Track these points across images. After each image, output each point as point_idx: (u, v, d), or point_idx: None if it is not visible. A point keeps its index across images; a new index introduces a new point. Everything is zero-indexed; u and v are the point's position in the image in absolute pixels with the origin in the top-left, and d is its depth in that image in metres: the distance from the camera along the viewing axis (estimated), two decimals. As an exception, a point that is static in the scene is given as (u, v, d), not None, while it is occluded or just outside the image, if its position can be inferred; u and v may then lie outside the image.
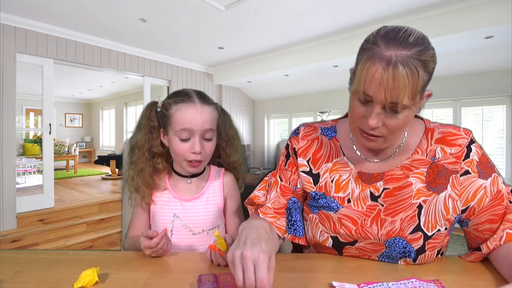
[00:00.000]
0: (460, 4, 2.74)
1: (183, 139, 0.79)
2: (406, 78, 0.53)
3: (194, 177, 0.88)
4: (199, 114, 0.78)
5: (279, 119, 6.20)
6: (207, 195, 0.87)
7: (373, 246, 0.68)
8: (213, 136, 0.83)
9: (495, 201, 0.64)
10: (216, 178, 0.91)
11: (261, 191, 0.79)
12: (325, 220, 0.72)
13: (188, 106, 0.79)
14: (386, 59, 0.53)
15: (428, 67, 0.55)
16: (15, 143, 3.13)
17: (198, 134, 0.78)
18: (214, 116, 0.83)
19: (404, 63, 0.53)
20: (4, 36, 3.02)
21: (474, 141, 0.67)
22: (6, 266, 0.63)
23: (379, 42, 0.55)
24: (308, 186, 0.76)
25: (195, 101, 0.80)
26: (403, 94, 0.54)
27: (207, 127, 0.79)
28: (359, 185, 0.70)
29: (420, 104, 0.60)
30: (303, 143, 0.79)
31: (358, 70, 0.58)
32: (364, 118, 0.60)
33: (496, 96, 3.67)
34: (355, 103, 0.61)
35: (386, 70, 0.53)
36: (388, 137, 0.62)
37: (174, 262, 0.69)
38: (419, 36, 0.56)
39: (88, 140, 9.27)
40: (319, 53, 3.87)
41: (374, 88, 0.55)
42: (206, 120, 0.79)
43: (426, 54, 0.54)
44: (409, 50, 0.53)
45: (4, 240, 2.85)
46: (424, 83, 0.56)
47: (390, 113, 0.57)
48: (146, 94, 4.44)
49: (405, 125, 0.61)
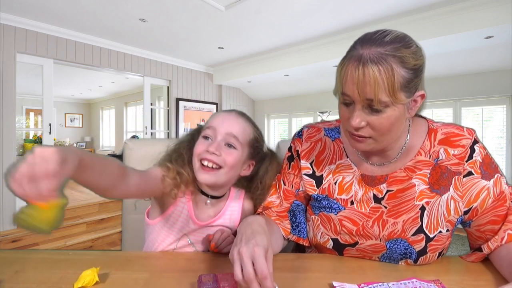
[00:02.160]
0: (460, 4, 2.74)
1: (204, 137, 0.76)
2: (377, 74, 0.53)
3: (214, 199, 0.80)
4: (229, 119, 0.76)
5: (279, 119, 6.20)
6: (223, 219, 0.81)
7: (374, 247, 0.67)
8: (239, 148, 0.75)
9: (498, 202, 0.64)
10: (236, 200, 0.84)
11: (273, 196, 0.80)
12: (326, 221, 0.72)
13: (222, 113, 0.79)
14: (358, 57, 0.55)
15: (406, 63, 0.55)
16: (15, 143, 3.12)
17: (220, 136, 0.74)
18: (246, 130, 0.77)
19: (375, 60, 0.53)
20: (4, 36, 3.02)
21: (478, 141, 0.66)
22: (6, 266, 0.63)
23: (357, 44, 0.58)
24: (310, 189, 0.76)
25: (232, 112, 0.79)
26: (377, 90, 0.54)
27: (232, 131, 0.74)
28: (362, 188, 0.70)
29: (411, 104, 0.59)
30: (306, 145, 0.78)
31: (336, 72, 0.61)
32: (349, 119, 0.60)
33: (496, 96, 3.67)
34: (340, 106, 0.63)
35: (356, 68, 0.55)
36: (377, 139, 0.61)
37: (174, 262, 0.69)
38: (398, 35, 0.57)
39: (88, 140, 9.26)
40: (319, 53, 3.87)
41: (349, 87, 0.57)
42: (234, 126, 0.75)
43: (403, 51, 0.54)
44: (383, 48, 0.54)
45: (4, 240, 2.85)
46: (405, 80, 0.55)
47: (371, 112, 0.58)
48: (146, 94, 4.44)
49: (392, 126, 0.59)
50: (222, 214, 0.81)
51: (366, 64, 0.54)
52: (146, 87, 4.44)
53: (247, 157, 0.79)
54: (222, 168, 0.73)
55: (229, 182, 0.79)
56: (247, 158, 0.79)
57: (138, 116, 7.62)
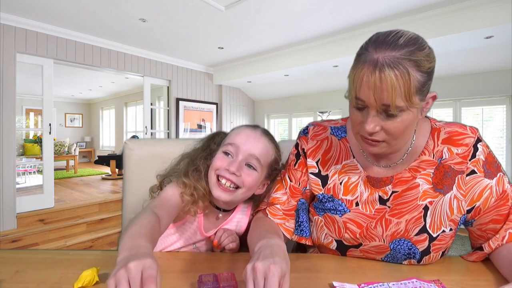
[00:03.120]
0: (460, 4, 2.74)
1: (225, 153, 0.73)
2: (394, 79, 0.52)
3: (224, 212, 0.80)
4: (254, 138, 0.74)
5: (279, 119, 6.20)
6: (230, 226, 0.81)
7: (377, 248, 0.67)
8: (260, 170, 0.74)
9: (500, 201, 0.64)
10: (243, 213, 0.83)
11: (279, 192, 0.78)
12: (330, 223, 0.71)
13: (246, 129, 0.76)
14: (373, 62, 0.53)
15: (421, 67, 0.54)
16: (15, 143, 3.12)
17: (242, 156, 0.72)
18: (268, 152, 0.75)
19: (391, 65, 0.52)
20: (4, 36, 3.02)
21: (481, 140, 0.66)
22: (6, 266, 0.63)
23: (370, 47, 0.56)
24: (316, 189, 0.75)
25: (257, 130, 0.77)
26: (394, 96, 0.53)
27: (254, 153, 0.72)
28: (368, 189, 0.69)
29: (423, 106, 0.59)
30: (312, 143, 0.77)
31: (350, 76, 0.59)
32: (362, 124, 0.59)
33: (496, 96, 3.67)
34: (352, 110, 0.61)
35: (373, 73, 0.53)
36: (391, 142, 0.60)
37: (174, 262, 0.69)
38: (411, 37, 0.55)
39: (88, 140, 9.27)
40: (319, 53, 3.87)
41: (364, 92, 0.56)
42: (257, 147, 0.73)
43: (418, 54, 0.53)
44: (398, 51, 0.53)
45: (4, 240, 2.85)
46: (420, 84, 0.54)
47: (386, 117, 0.56)
48: (146, 94, 4.44)
49: (406, 129, 0.59)
50: (229, 221, 0.81)
51: (383, 69, 0.52)
52: (146, 87, 4.44)
53: (264, 177, 0.77)
54: (240, 189, 0.72)
55: (243, 200, 0.79)
56: (265, 178, 0.78)
57: (138, 116, 7.63)
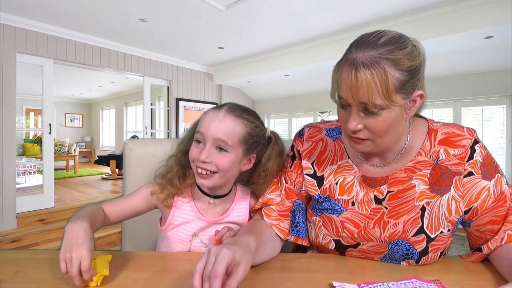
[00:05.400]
0: (460, 4, 2.74)
1: (196, 142, 0.75)
2: (369, 78, 0.53)
3: (217, 198, 0.80)
4: (217, 121, 0.73)
5: (279, 119, 6.20)
6: (232, 217, 0.82)
7: (375, 248, 0.67)
8: (231, 149, 0.73)
9: (498, 202, 0.64)
10: (243, 199, 0.84)
11: (274, 193, 0.78)
12: (327, 223, 0.72)
13: (209, 113, 0.76)
14: (351, 62, 0.55)
15: (401, 65, 0.54)
16: (15, 143, 3.12)
17: (209, 141, 0.72)
18: (236, 130, 0.74)
19: (368, 64, 0.53)
20: (4, 36, 3.02)
21: (478, 141, 0.66)
22: (6, 266, 0.63)
23: (352, 47, 0.57)
24: (312, 190, 0.75)
25: (221, 110, 0.76)
26: (370, 94, 0.54)
27: (219, 136, 0.72)
28: (363, 188, 0.70)
29: (410, 105, 0.59)
30: (308, 145, 0.78)
31: (332, 75, 0.61)
32: (346, 122, 0.61)
33: (496, 96, 3.67)
34: (338, 108, 0.63)
35: (350, 72, 0.55)
36: (375, 140, 0.61)
37: (174, 262, 0.69)
38: (393, 36, 0.56)
39: (88, 140, 9.27)
40: (319, 53, 3.87)
41: (343, 91, 0.58)
42: (220, 129, 0.72)
43: (398, 53, 0.54)
44: (377, 51, 0.54)
45: (4, 240, 2.85)
46: (400, 82, 0.54)
47: (367, 115, 0.57)
48: (146, 94, 4.44)
49: (390, 127, 0.59)
50: (230, 212, 0.81)
51: (358, 69, 0.54)
52: (146, 87, 4.44)
53: (243, 154, 0.76)
54: (217, 173, 0.73)
55: (228, 181, 0.79)
56: (244, 155, 0.76)
57: (138, 116, 7.63)
